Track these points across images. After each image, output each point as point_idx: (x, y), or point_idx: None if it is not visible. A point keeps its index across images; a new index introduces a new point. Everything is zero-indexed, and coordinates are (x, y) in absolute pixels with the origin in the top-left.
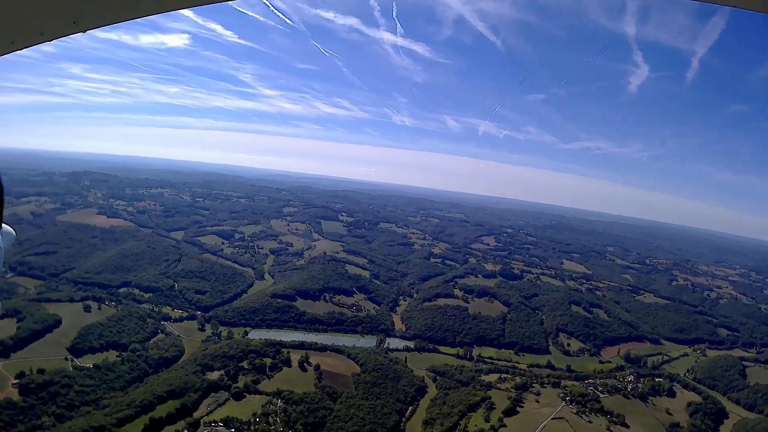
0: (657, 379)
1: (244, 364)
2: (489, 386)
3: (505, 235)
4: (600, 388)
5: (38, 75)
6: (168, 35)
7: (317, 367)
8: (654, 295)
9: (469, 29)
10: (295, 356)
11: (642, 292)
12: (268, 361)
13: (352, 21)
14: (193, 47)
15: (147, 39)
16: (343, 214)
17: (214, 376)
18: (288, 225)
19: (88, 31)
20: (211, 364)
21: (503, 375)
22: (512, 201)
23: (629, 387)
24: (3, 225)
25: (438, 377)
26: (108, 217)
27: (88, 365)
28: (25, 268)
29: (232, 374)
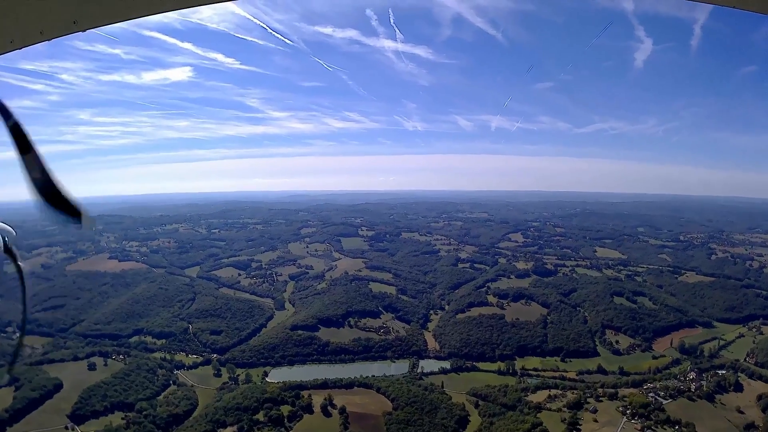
0: (720, 372)
1: (260, 416)
2: (538, 408)
3: (532, 229)
4: (661, 393)
5: (48, 125)
6: (170, 70)
7: (342, 410)
8: (696, 273)
9: (468, 26)
10: (318, 398)
11: (683, 271)
12: (286, 409)
13: (351, 33)
14: (197, 79)
15: (150, 76)
16: (363, 228)
17: None
18: (307, 247)
19: (87, 30)
20: (223, 419)
21: (552, 391)
22: (533, 193)
23: (693, 386)
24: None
25: (480, 402)
26: (119, 261)
27: None
28: (33, 326)
29: (246, 430)
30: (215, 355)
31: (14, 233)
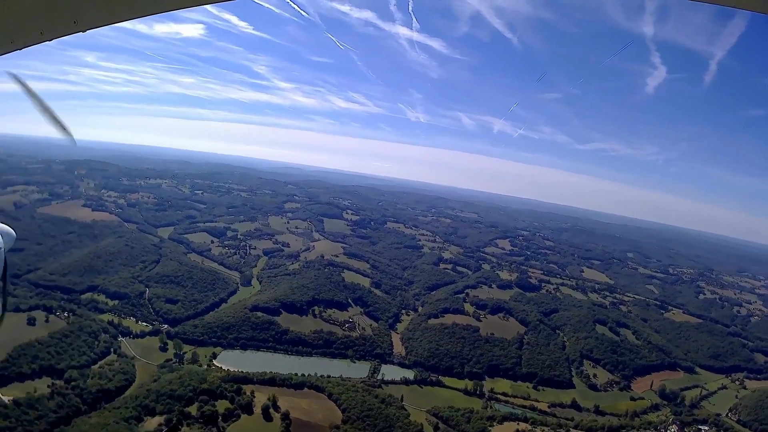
0: (703, 429)
1: (192, 409)
2: None
3: (520, 238)
4: None
5: (53, 63)
6: (183, 25)
7: (285, 415)
8: (683, 312)
9: (485, 26)
10: (261, 397)
11: (670, 307)
12: (223, 405)
13: (368, 14)
14: (208, 38)
15: (162, 28)
16: (348, 211)
17: (152, 424)
18: (288, 223)
19: (88, 31)
20: (153, 406)
21: (521, 425)
22: (525, 201)
23: None
24: (1, 225)
25: (440, 424)
26: (92, 210)
27: (10, 398)
28: None
29: (173, 424)
30: (166, 326)
31: (14, 235)
